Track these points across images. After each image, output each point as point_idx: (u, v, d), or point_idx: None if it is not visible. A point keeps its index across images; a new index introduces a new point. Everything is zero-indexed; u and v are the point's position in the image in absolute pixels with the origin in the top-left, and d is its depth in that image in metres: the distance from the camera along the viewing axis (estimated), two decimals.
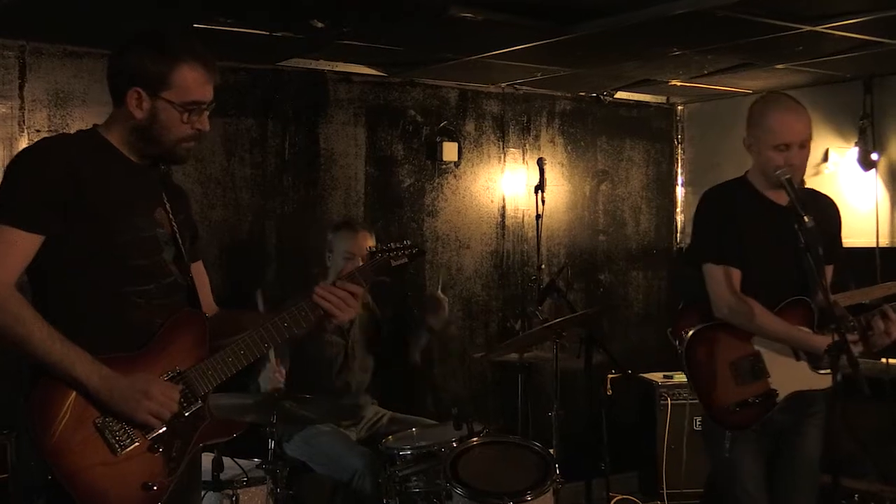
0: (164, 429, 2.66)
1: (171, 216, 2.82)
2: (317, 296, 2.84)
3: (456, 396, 6.30)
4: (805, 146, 3.55)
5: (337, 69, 5.97)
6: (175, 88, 2.67)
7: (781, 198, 3.63)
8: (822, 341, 3.35)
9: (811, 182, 5.09)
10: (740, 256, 3.61)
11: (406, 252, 3.03)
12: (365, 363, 5.12)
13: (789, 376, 3.61)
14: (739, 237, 3.62)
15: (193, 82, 2.68)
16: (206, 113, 2.76)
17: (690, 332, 3.65)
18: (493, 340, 6.49)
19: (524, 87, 6.66)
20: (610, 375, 6.01)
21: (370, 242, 4.84)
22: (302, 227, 5.84)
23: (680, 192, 7.54)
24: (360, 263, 4.69)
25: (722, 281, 3.58)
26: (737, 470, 3.62)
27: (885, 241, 6.31)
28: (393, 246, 3.03)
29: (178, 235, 2.80)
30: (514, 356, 5.28)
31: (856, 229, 6.22)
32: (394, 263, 3.00)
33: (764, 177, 3.65)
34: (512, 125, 6.74)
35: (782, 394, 3.60)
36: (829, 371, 3.48)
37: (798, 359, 3.61)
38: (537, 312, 5.70)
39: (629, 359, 5.72)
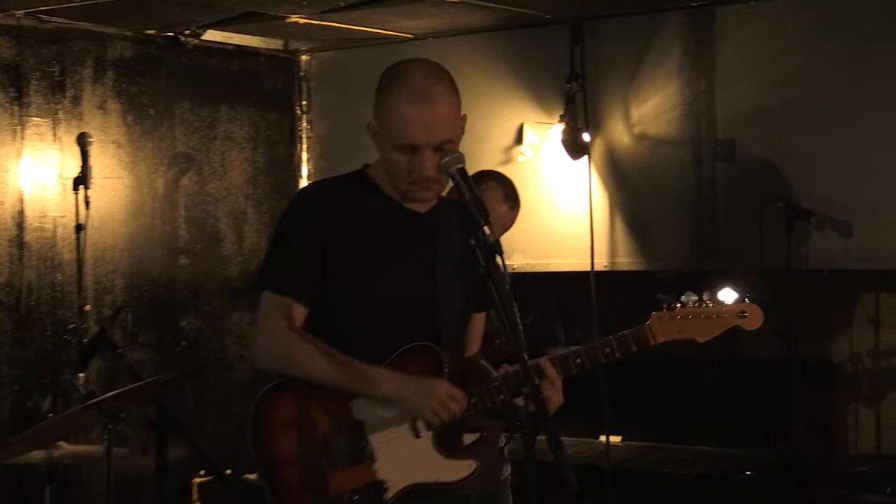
0: None
1: None
2: None
3: None
4: (444, 148, 3.61)
5: None
6: None
7: (420, 205, 3.80)
8: (389, 383, 3.61)
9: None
10: (313, 290, 3.81)
11: None
12: None
13: (405, 462, 3.69)
14: (334, 260, 3.77)
15: None
16: None
17: (260, 393, 3.72)
18: (4, 430, 6.31)
19: (55, 19, 6.73)
20: (197, 479, 6.40)
21: None
22: None
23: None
24: None
25: (277, 312, 3.77)
26: None
27: (603, 262, 6.56)
28: None
29: None
30: (38, 455, 5.28)
31: (562, 246, 6.69)
32: None
33: (389, 180, 3.79)
34: (35, 80, 6.76)
35: (393, 488, 3.66)
36: (463, 458, 3.69)
37: (417, 434, 3.69)
38: (77, 383, 5.55)
39: (229, 451, 5.40)
